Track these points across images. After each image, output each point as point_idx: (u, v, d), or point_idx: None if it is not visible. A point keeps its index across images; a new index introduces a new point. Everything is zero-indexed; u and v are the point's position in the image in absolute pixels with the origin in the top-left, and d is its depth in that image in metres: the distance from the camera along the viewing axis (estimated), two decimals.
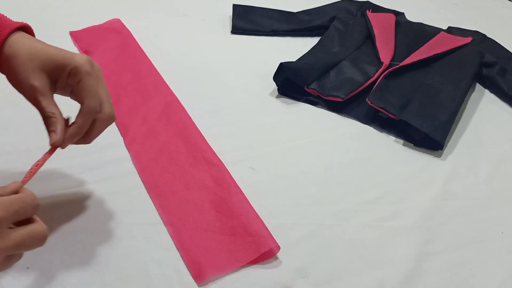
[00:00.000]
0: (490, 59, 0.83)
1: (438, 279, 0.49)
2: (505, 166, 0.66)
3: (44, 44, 0.46)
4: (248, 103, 0.74)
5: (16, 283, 0.45)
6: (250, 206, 0.54)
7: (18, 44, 0.45)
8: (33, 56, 0.45)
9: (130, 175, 0.58)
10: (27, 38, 0.46)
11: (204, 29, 0.94)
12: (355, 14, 0.98)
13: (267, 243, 0.49)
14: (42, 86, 0.45)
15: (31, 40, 0.46)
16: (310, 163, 0.63)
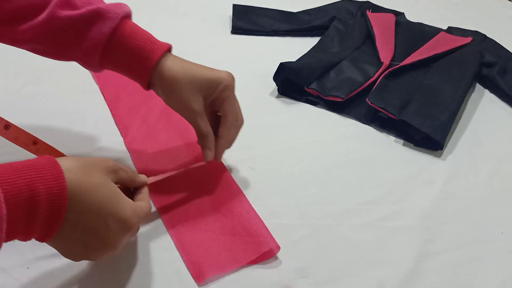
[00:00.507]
0: (490, 59, 0.83)
1: (438, 279, 0.49)
2: (505, 166, 0.66)
3: (195, 65, 0.52)
4: (248, 103, 0.73)
5: (16, 283, 0.45)
6: (250, 206, 0.54)
7: (175, 67, 0.50)
8: (192, 80, 0.50)
9: None
10: (179, 59, 0.52)
11: (204, 29, 0.94)
12: (355, 14, 0.98)
13: (267, 243, 0.49)
14: (201, 108, 0.51)
15: (182, 61, 0.52)
16: (310, 163, 0.63)
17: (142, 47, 0.50)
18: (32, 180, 0.35)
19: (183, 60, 0.52)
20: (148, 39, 0.51)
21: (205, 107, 0.52)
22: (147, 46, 0.50)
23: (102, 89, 0.73)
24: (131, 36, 0.50)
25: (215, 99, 0.51)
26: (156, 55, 0.50)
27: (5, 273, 0.45)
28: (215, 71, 0.52)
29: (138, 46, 0.50)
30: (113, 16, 0.49)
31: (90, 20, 0.48)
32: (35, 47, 0.51)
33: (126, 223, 0.41)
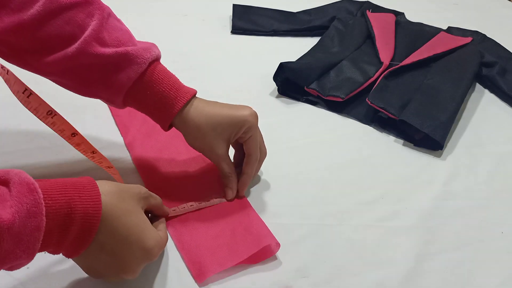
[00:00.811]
0: (490, 59, 0.83)
1: (438, 279, 0.49)
2: (505, 166, 0.66)
3: (218, 108, 0.53)
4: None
5: (16, 283, 0.45)
6: (250, 206, 0.54)
7: (198, 116, 0.52)
8: (215, 127, 0.52)
9: (131, 175, 0.58)
10: (202, 105, 0.52)
11: (204, 29, 0.94)
12: (355, 14, 0.98)
13: (267, 240, 0.49)
14: (224, 152, 0.53)
15: (206, 106, 0.52)
16: (310, 163, 0.63)
17: (166, 94, 0.51)
18: (72, 198, 0.37)
19: (206, 104, 0.53)
20: (174, 85, 0.51)
21: (229, 144, 0.54)
22: (172, 93, 0.51)
23: None
24: (157, 82, 0.50)
25: (239, 138, 0.54)
26: (179, 104, 0.51)
27: (5, 273, 0.45)
28: (238, 111, 0.53)
29: (163, 93, 0.50)
30: (141, 61, 0.49)
31: (118, 63, 0.49)
32: (59, 80, 0.51)
33: (149, 253, 0.43)
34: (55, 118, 0.49)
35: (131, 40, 0.51)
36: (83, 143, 0.51)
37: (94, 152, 0.52)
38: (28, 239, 0.34)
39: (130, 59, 0.49)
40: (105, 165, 0.53)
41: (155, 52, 0.52)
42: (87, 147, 0.51)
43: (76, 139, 0.51)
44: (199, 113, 0.52)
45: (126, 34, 0.52)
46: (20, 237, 0.34)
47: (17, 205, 0.34)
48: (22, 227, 0.34)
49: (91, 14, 0.49)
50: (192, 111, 0.52)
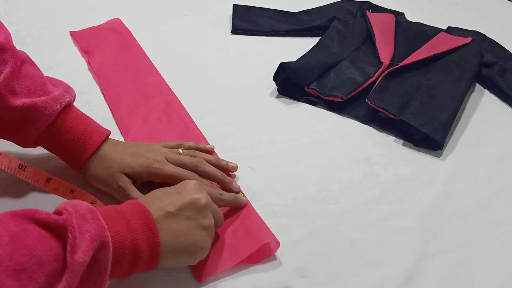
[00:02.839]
0: (490, 59, 0.83)
1: (438, 279, 0.49)
2: (505, 166, 0.66)
3: (125, 156, 0.54)
4: (248, 103, 0.74)
5: None
6: (250, 206, 0.54)
7: (110, 154, 0.54)
8: (122, 168, 0.53)
9: None
10: (113, 145, 0.55)
11: (204, 29, 0.94)
12: (355, 14, 0.98)
13: (267, 238, 0.49)
14: (126, 184, 0.53)
15: (116, 148, 0.55)
16: (310, 163, 0.63)
17: (75, 141, 0.53)
18: (137, 238, 0.40)
19: (115, 149, 0.55)
20: (83, 133, 0.53)
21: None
22: (81, 141, 0.53)
23: (103, 89, 0.73)
24: (66, 130, 0.53)
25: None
26: (88, 151, 0.53)
27: None
28: (139, 159, 0.54)
29: (72, 141, 0.53)
30: (50, 113, 0.51)
31: (26, 115, 0.50)
32: None
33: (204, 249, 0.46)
34: (27, 170, 0.51)
35: (42, 88, 0.53)
36: (60, 186, 0.52)
37: (74, 190, 0.52)
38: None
39: (38, 111, 0.50)
40: (89, 202, 0.52)
41: (67, 98, 0.53)
42: (65, 188, 0.53)
43: (53, 184, 0.52)
44: (108, 158, 0.54)
45: (37, 81, 0.53)
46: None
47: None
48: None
49: (4, 61, 0.50)
50: (107, 152, 0.54)
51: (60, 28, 0.87)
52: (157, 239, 0.41)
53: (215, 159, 0.58)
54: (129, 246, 0.39)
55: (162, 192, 0.46)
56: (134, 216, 0.41)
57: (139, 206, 0.42)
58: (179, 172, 0.54)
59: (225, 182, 0.56)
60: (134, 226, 0.40)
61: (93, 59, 0.79)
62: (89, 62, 0.79)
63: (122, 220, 0.40)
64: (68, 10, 0.95)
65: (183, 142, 0.59)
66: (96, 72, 0.76)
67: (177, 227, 0.43)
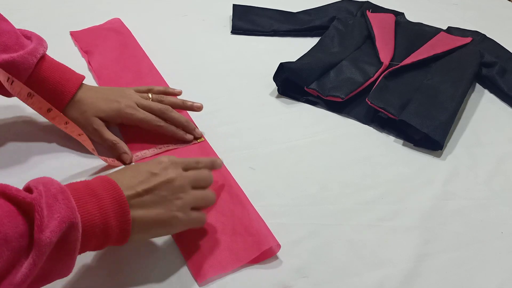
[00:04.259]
0: (490, 59, 0.83)
1: (438, 279, 0.49)
2: (505, 166, 0.66)
3: (100, 100, 0.60)
4: (248, 103, 0.74)
5: None
6: (250, 206, 0.54)
7: (85, 99, 0.60)
8: (96, 112, 0.60)
9: None
10: (88, 90, 0.61)
11: (204, 29, 0.94)
12: (355, 14, 0.98)
13: (268, 242, 0.49)
14: (99, 126, 0.60)
15: (91, 94, 0.61)
16: (310, 163, 0.63)
17: (53, 90, 0.58)
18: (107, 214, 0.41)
19: (90, 94, 0.61)
20: (59, 82, 0.59)
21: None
22: (58, 89, 0.58)
23: None
24: (44, 80, 0.58)
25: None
26: (66, 96, 0.59)
27: None
28: (113, 104, 0.60)
29: (49, 90, 0.58)
30: (28, 67, 0.56)
31: (6, 71, 0.53)
32: None
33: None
34: (34, 98, 0.54)
35: (17, 42, 0.56)
36: (58, 116, 0.56)
37: (67, 122, 0.57)
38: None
39: (17, 66, 0.55)
40: (76, 134, 0.57)
41: (41, 50, 0.58)
42: (60, 119, 0.56)
43: (52, 114, 0.56)
44: (84, 103, 0.60)
45: (12, 36, 0.56)
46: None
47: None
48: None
49: None
50: (82, 97, 0.60)
51: (60, 28, 0.87)
52: (127, 217, 0.42)
53: (182, 102, 0.66)
54: (99, 225, 0.40)
55: (135, 170, 0.46)
56: (105, 194, 0.41)
57: (111, 184, 0.43)
58: (148, 118, 0.61)
59: (188, 128, 0.63)
60: (104, 204, 0.41)
61: (93, 59, 0.79)
62: (89, 62, 0.78)
63: (93, 198, 0.41)
64: (68, 10, 0.95)
65: (153, 87, 0.67)
66: (96, 72, 0.76)
67: (147, 206, 0.44)
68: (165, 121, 0.62)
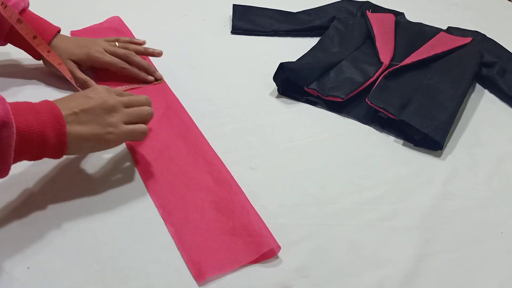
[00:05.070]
0: (490, 59, 0.83)
1: (438, 279, 0.49)
2: (505, 166, 0.66)
3: (74, 47, 0.71)
4: (248, 103, 0.74)
5: (16, 283, 0.45)
6: (250, 206, 0.54)
7: (64, 47, 0.70)
8: (69, 55, 0.70)
9: (130, 175, 0.58)
10: (62, 39, 0.71)
11: (204, 29, 0.94)
12: (355, 14, 0.98)
13: (268, 243, 0.49)
14: (72, 67, 0.69)
15: (65, 41, 0.71)
16: (310, 163, 0.63)
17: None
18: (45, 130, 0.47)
19: (69, 40, 0.72)
20: (38, 32, 0.67)
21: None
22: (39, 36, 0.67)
23: None
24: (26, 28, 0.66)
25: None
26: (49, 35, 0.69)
27: (5, 273, 0.45)
28: (82, 50, 0.71)
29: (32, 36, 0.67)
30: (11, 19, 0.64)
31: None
32: None
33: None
34: (23, 24, 0.64)
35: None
36: (42, 44, 0.65)
37: (49, 51, 0.67)
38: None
39: (1, 18, 0.63)
40: (56, 62, 0.67)
41: (22, 4, 0.67)
42: (44, 47, 0.66)
43: (37, 41, 0.65)
44: (59, 48, 0.70)
45: None
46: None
47: None
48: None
49: None
50: (57, 43, 0.70)
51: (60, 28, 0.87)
52: (63, 130, 0.48)
53: (144, 49, 0.76)
54: (36, 132, 0.46)
55: (73, 95, 0.53)
56: (43, 110, 0.47)
57: (50, 104, 0.49)
58: (114, 61, 0.71)
59: (150, 70, 0.74)
60: (42, 117, 0.47)
61: None
62: None
63: (32, 111, 0.46)
64: (68, 10, 0.95)
65: (120, 37, 0.76)
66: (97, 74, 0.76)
67: (83, 123, 0.50)
68: (129, 64, 0.72)
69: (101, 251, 0.48)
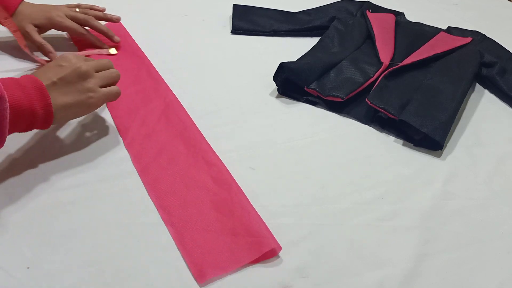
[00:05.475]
0: (490, 59, 0.83)
1: (438, 279, 0.49)
2: (505, 166, 0.66)
3: (37, 12, 0.76)
4: (248, 103, 0.74)
5: (16, 283, 0.45)
6: (251, 206, 0.54)
7: (23, 11, 0.76)
8: (31, 20, 0.75)
9: (130, 176, 0.58)
10: (27, 5, 0.77)
11: (204, 29, 0.94)
12: (355, 14, 0.98)
13: (269, 243, 0.49)
14: (31, 30, 0.75)
15: (29, 7, 0.77)
16: (310, 163, 0.63)
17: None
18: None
19: (33, 6, 0.77)
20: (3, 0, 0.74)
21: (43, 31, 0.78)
22: (3, 4, 0.73)
23: None
24: None
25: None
26: (9, 11, 0.74)
27: (5, 273, 0.45)
28: (45, 14, 0.76)
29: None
30: None
31: None
32: None
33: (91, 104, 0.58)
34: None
35: None
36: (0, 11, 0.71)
37: (7, 18, 0.72)
38: None
39: None
40: (12, 29, 0.72)
41: None
42: (1, 14, 0.72)
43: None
44: (22, 13, 0.75)
45: None
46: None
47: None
48: None
49: None
50: (22, 9, 0.75)
51: None
52: (48, 101, 0.52)
53: (103, 14, 0.82)
54: (25, 105, 0.50)
55: (47, 67, 0.56)
56: (28, 85, 0.51)
57: (32, 78, 0.52)
58: (74, 26, 0.77)
59: (108, 35, 0.81)
60: (28, 91, 0.51)
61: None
62: None
63: (19, 87, 0.50)
64: None
65: (81, 4, 0.82)
66: None
67: (63, 91, 0.54)
68: (90, 28, 0.79)
69: (101, 251, 0.48)
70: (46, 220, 0.51)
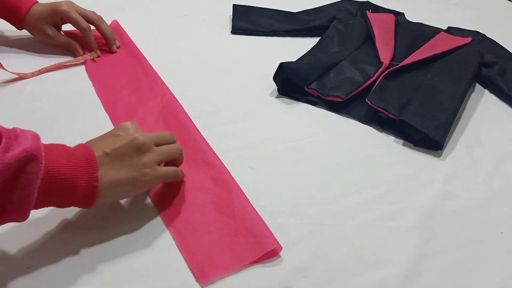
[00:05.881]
0: (490, 59, 0.83)
1: (438, 279, 0.49)
2: (505, 166, 0.66)
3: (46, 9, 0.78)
4: (248, 103, 0.74)
5: (16, 283, 0.45)
6: (251, 207, 0.54)
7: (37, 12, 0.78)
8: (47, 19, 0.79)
9: None
10: (39, 6, 0.79)
11: (204, 29, 0.94)
12: (355, 14, 0.98)
13: (270, 243, 0.49)
14: (53, 32, 0.79)
15: (41, 7, 0.79)
16: (310, 163, 0.63)
17: (12, 6, 0.77)
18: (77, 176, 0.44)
19: (45, 5, 0.78)
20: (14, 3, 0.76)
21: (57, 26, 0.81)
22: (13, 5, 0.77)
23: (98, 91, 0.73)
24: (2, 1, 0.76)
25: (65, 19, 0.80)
26: (22, 14, 0.77)
27: (5, 273, 0.45)
28: (54, 6, 0.78)
29: (9, 7, 0.77)
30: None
31: None
32: None
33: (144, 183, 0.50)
34: None
35: None
36: None
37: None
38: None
39: None
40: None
41: None
42: None
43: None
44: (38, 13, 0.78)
45: None
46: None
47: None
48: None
49: None
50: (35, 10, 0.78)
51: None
52: (95, 174, 0.45)
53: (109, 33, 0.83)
54: (67, 174, 0.43)
55: (102, 136, 0.50)
56: (77, 153, 0.45)
57: (85, 147, 0.47)
58: (79, 19, 0.78)
59: (110, 42, 0.82)
60: (74, 160, 0.44)
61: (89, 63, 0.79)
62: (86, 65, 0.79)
63: (65, 154, 0.44)
64: None
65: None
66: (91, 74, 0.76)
67: (116, 165, 0.47)
68: (96, 28, 0.81)
69: (101, 251, 0.48)
70: (46, 220, 0.51)
